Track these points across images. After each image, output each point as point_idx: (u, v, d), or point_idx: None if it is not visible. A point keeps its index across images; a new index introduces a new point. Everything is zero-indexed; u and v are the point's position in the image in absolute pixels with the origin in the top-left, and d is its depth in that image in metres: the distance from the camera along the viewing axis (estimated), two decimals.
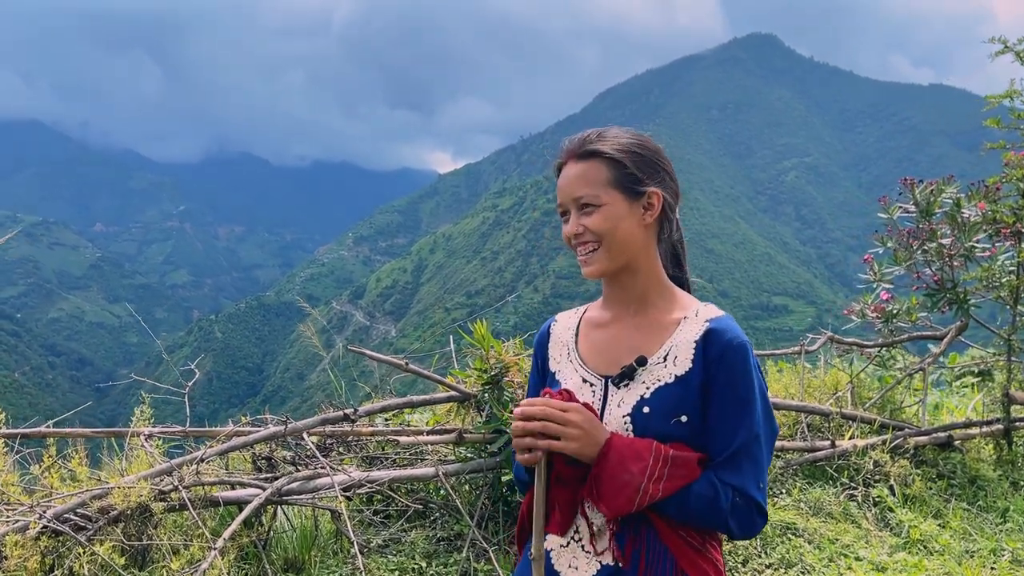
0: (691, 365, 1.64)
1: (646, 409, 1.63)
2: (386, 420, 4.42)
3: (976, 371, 7.89)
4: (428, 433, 4.18)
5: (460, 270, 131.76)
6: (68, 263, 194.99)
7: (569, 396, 1.65)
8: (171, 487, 3.21)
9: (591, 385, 1.73)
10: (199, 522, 3.06)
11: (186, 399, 3.74)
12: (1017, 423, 5.66)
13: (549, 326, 1.92)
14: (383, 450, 4.30)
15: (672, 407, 1.62)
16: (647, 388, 1.65)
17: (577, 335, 1.84)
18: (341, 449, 4.18)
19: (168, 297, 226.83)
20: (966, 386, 8.66)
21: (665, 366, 1.66)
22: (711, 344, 1.63)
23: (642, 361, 1.66)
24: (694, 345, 1.65)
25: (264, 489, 3.43)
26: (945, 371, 7.64)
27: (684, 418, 1.61)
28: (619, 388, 1.68)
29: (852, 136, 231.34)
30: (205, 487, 3.34)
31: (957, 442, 5.46)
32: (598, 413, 1.69)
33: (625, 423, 1.64)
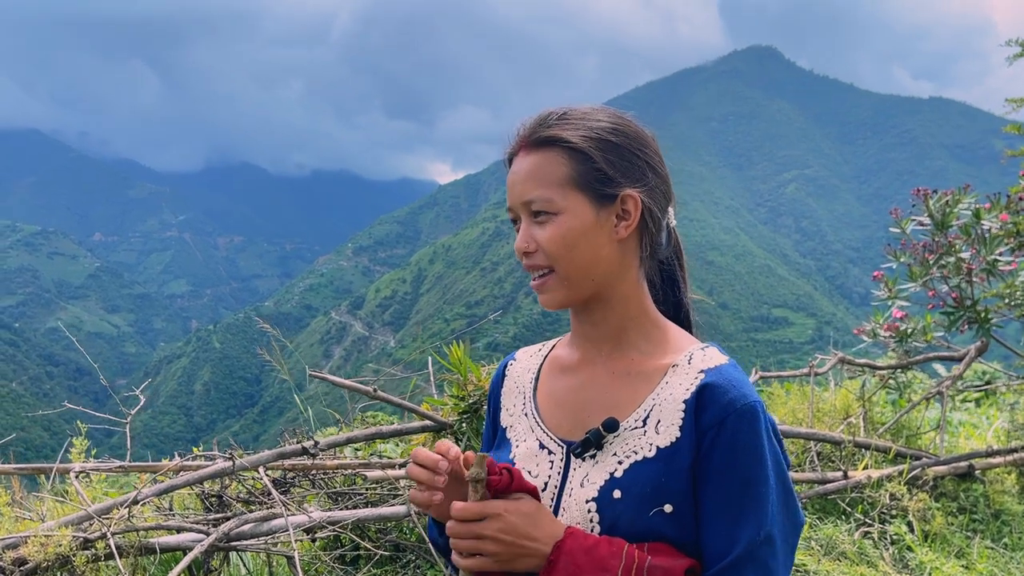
0: (679, 434, 1.19)
1: (617, 492, 1.19)
2: (356, 451, 4.02)
3: (979, 387, 7.51)
4: (401, 466, 3.79)
5: (459, 281, 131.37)
6: (67, 273, 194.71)
7: (508, 478, 1.20)
8: (98, 534, 2.81)
9: (549, 453, 1.29)
10: (124, 575, 2.66)
11: (127, 429, 3.34)
12: None
13: (505, 366, 1.47)
14: (354, 484, 3.90)
15: (651, 492, 1.17)
16: (619, 463, 1.21)
17: (538, 380, 1.39)
18: (306, 484, 3.78)
19: (167, 307, 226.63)
20: (968, 401, 8.27)
21: (644, 433, 1.21)
22: (706, 406, 1.19)
23: (611, 425, 1.22)
24: (683, 406, 1.20)
25: (208, 534, 3.02)
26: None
27: (668, 508, 1.17)
28: (583, 460, 1.24)
29: (852, 148, 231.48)
30: (139, 533, 2.93)
31: (977, 472, 5.07)
32: (555, 493, 1.25)
33: (589, 511, 1.20)
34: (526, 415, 1.36)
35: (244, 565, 3.58)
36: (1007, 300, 5.18)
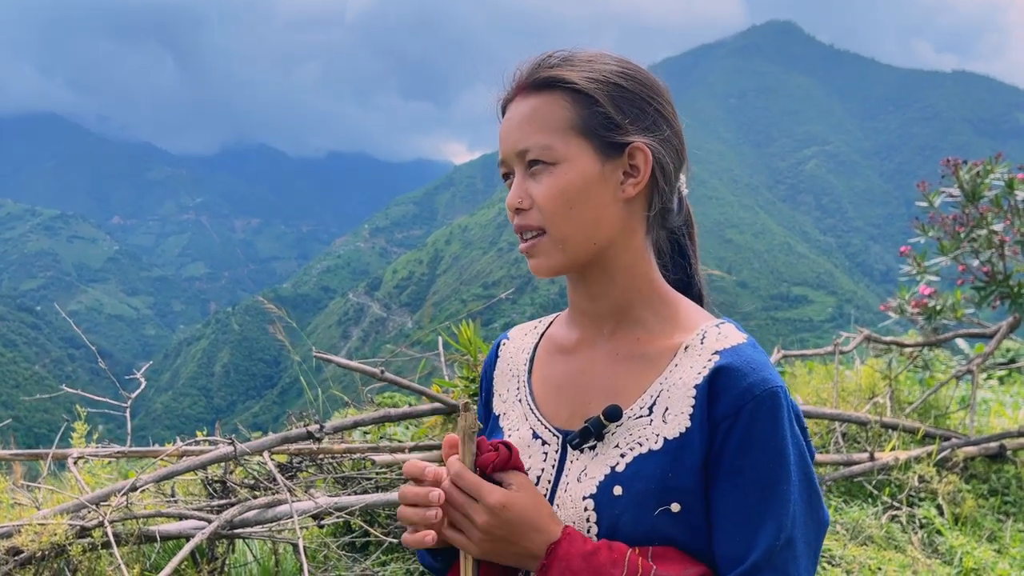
0: (689, 424, 1.05)
1: (618, 489, 1.05)
2: (365, 434, 3.91)
3: (1005, 365, 7.29)
4: (411, 450, 3.67)
5: (476, 261, 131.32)
6: (87, 256, 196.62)
7: (507, 457, 1.08)
8: (95, 522, 2.71)
9: (544, 444, 1.15)
10: (121, 565, 2.56)
11: (127, 413, 3.24)
12: None
13: (498, 346, 1.32)
14: (363, 468, 3.79)
15: (656, 489, 1.04)
16: (621, 456, 1.07)
17: (533, 362, 1.25)
18: (313, 469, 3.67)
19: (185, 289, 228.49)
20: (991, 379, 8.05)
21: (650, 422, 1.07)
22: (720, 393, 1.04)
23: (614, 414, 1.08)
24: (693, 392, 1.06)
25: (210, 521, 2.92)
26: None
27: (676, 507, 1.03)
28: (581, 452, 1.11)
29: (874, 124, 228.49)
30: (139, 520, 2.83)
31: (1009, 452, 4.90)
32: (548, 488, 1.11)
33: (586, 509, 1.07)
34: (520, 401, 1.22)
35: (251, 552, 3.48)
36: None
